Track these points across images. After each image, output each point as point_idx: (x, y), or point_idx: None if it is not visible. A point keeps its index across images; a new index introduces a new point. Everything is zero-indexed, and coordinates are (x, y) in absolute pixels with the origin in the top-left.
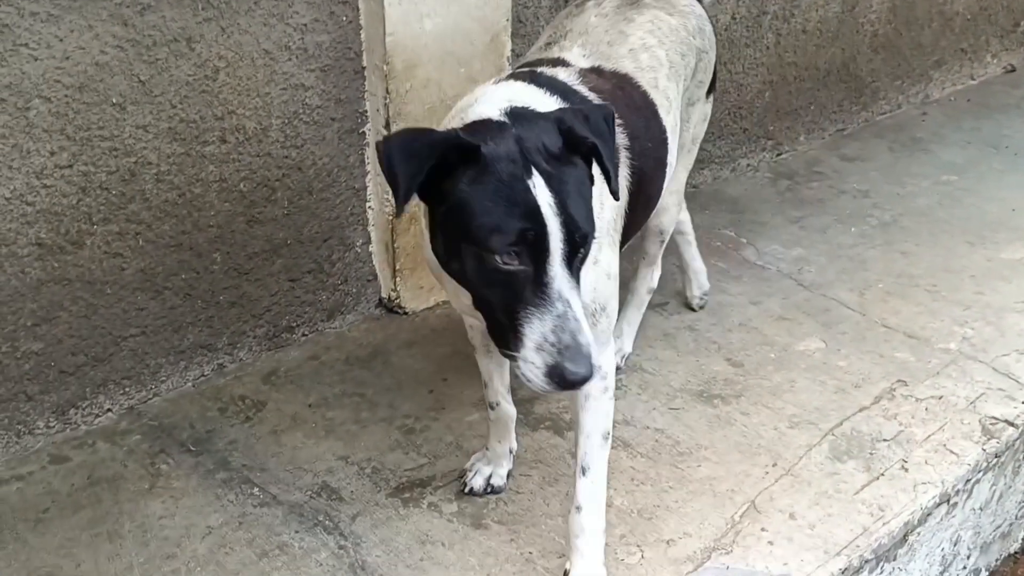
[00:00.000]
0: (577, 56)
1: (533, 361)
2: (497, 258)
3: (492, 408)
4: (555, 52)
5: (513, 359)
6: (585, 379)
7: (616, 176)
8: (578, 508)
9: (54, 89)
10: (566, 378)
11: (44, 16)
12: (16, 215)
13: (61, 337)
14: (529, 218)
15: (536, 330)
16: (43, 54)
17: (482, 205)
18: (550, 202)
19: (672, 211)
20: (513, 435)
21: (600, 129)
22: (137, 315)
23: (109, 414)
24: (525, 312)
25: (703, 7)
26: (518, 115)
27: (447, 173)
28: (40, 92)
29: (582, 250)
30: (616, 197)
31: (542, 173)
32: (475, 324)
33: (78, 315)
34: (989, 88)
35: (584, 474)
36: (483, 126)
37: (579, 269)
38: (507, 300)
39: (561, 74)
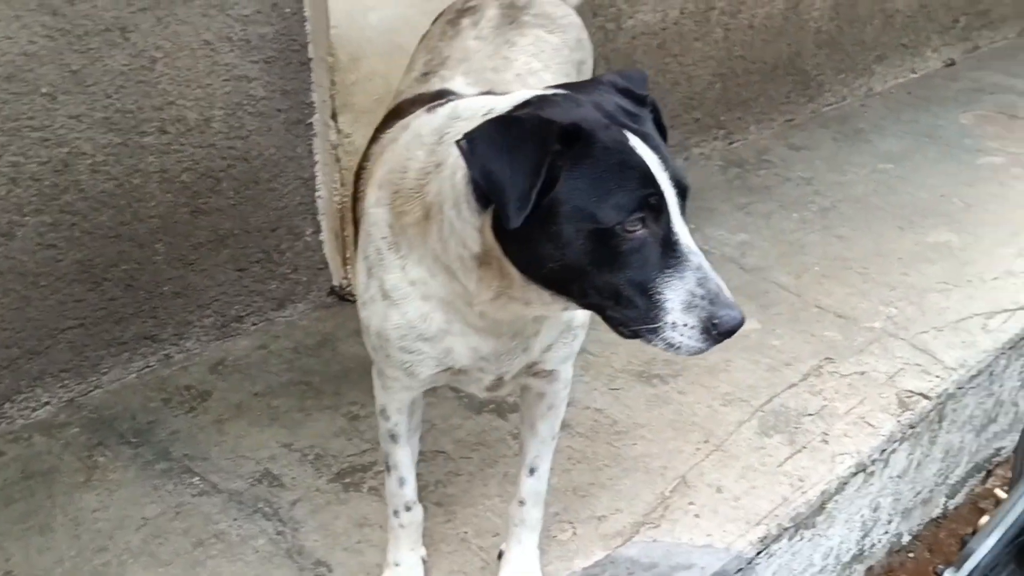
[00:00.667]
0: (463, 86)
1: (685, 323)
2: (622, 230)
3: (408, 510)
4: (436, 84)
5: (649, 336)
6: (743, 322)
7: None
8: (521, 502)
9: None
10: (727, 325)
11: None
12: None
13: None
14: (646, 181)
15: (681, 289)
16: None
17: (595, 181)
18: (654, 159)
19: None
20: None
21: (646, 88)
22: (75, 307)
23: (47, 407)
24: (662, 277)
25: (576, 11)
26: (570, 88)
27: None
28: None
29: (686, 201)
30: None
31: (635, 133)
32: (405, 406)
33: (10, 307)
34: (929, 81)
35: (531, 474)
36: (547, 101)
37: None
38: (637, 273)
39: None
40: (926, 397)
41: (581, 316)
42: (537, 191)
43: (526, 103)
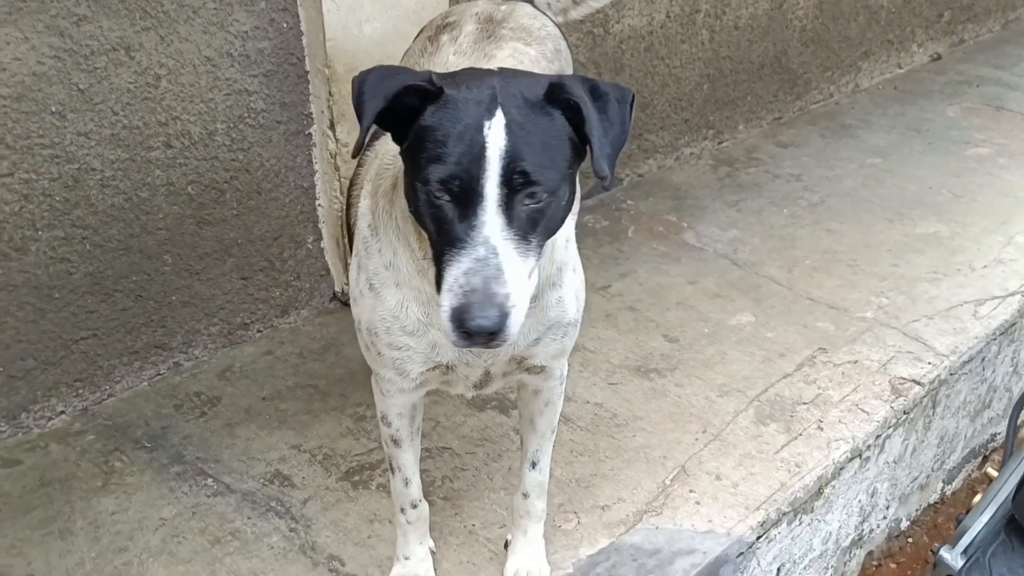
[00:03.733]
0: None
1: (443, 303)
2: (432, 190)
3: (414, 508)
4: None
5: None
6: (488, 332)
7: (607, 152)
8: (525, 495)
9: None
10: (467, 324)
11: None
12: None
13: (8, 343)
14: (468, 157)
15: (453, 270)
16: None
17: (431, 140)
18: (501, 145)
19: None
20: (428, 532)
21: (601, 95)
22: (88, 318)
23: (62, 416)
24: (451, 252)
25: (553, 21)
26: (507, 71)
27: (416, 114)
28: None
29: (529, 200)
30: (600, 175)
31: (507, 116)
32: (405, 411)
33: (26, 320)
34: (915, 76)
35: (533, 467)
36: (466, 73)
37: (531, 220)
38: (442, 238)
39: None
40: (919, 383)
41: (571, 314)
42: (379, 113)
43: (465, 69)
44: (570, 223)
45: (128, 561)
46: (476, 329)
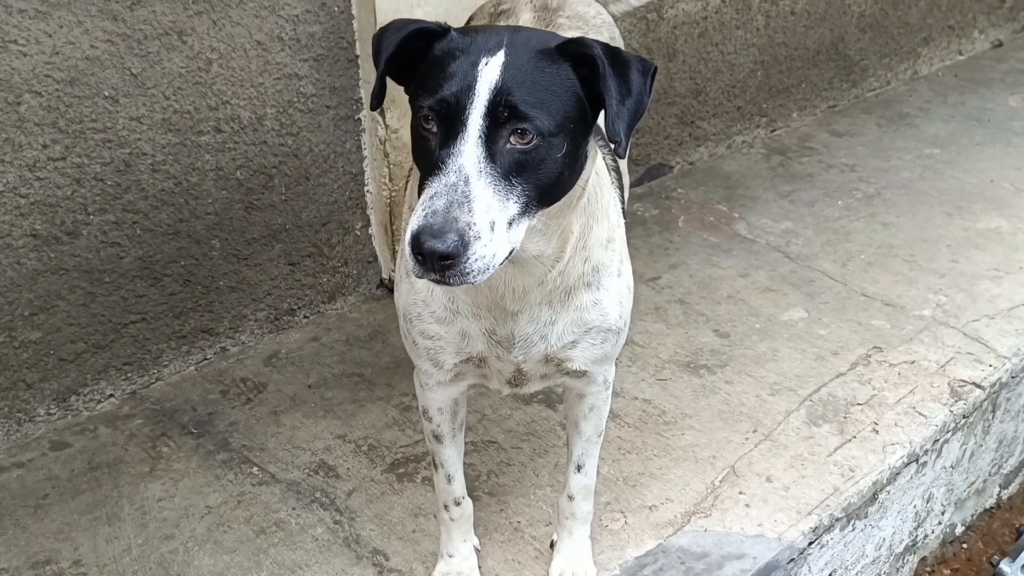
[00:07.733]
0: None
1: (409, 226)
2: (421, 120)
3: (457, 505)
4: None
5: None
6: (440, 255)
7: (623, 116)
8: (570, 497)
9: (44, 84)
10: (422, 245)
11: (32, 13)
12: (10, 207)
13: (60, 326)
14: (456, 87)
15: (425, 194)
16: (32, 50)
17: (430, 75)
18: (493, 79)
19: None
20: (472, 529)
21: (623, 62)
22: (137, 302)
23: (111, 399)
24: (429, 178)
25: (610, 13)
26: (526, 28)
27: (424, 58)
28: (31, 87)
29: (516, 139)
30: (613, 139)
31: (507, 56)
32: (446, 407)
33: (76, 304)
34: (976, 63)
35: (579, 470)
36: (484, 26)
37: (517, 163)
38: (424, 167)
39: None
40: (979, 387)
41: (612, 320)
42: (389, 58)
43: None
44: (613, 223)
45: (174, 549)
46: (428, 251)
